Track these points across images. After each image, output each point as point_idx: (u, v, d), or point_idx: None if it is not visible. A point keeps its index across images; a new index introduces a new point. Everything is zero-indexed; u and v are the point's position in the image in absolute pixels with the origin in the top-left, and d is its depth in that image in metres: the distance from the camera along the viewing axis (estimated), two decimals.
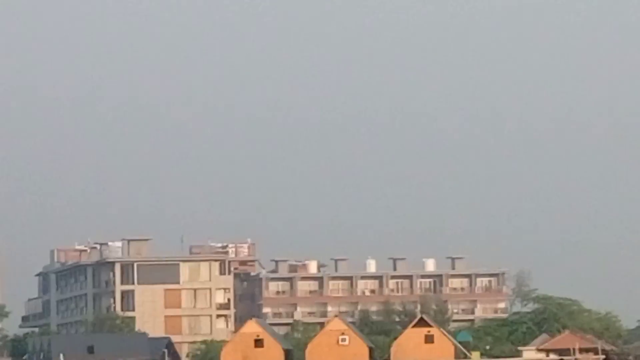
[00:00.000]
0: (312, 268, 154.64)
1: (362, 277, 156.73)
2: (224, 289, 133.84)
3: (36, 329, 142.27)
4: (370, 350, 76.40)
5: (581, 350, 72.76)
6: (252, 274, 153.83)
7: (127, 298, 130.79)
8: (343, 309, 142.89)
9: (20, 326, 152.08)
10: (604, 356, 75.94)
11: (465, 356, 76.44)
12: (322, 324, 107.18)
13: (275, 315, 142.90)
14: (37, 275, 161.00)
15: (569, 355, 72.26)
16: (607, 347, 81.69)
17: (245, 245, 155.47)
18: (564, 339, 78.18)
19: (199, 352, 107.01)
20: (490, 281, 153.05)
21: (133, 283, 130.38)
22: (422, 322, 77.33)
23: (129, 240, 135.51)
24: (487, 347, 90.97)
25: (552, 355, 76.58)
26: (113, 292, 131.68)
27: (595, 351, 73.84)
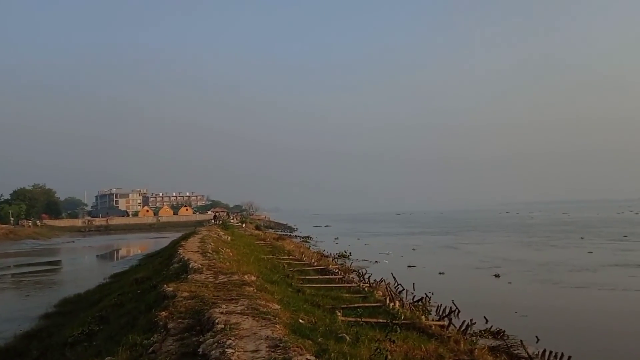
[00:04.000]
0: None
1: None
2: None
3: None
4: None
5: (222, 211, 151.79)
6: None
7: None
8: None
9: None
10: (227, 211, 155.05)
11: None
12: None
13: None
14: None
15: (218, 212, 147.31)
16: (236, 211, 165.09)
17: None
18: (217, 209, 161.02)
19: None
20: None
21: None
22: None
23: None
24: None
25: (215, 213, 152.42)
26: None
27: (225, 211, 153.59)
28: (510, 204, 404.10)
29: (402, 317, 10.05)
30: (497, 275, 29.92)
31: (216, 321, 8.22)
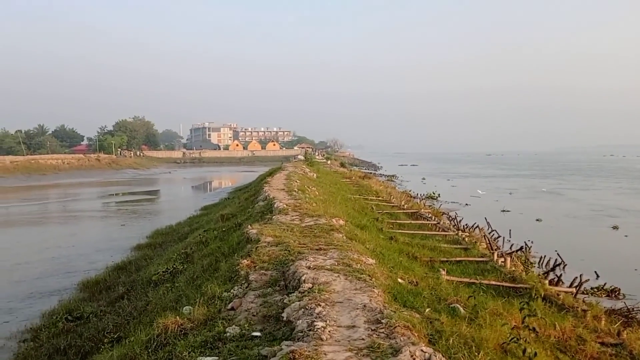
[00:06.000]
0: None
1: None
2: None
3: None
4: None
5: (307, 147, 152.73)
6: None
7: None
8: None
9: None
10: (312, 148, 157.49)
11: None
12: None
13: None
14: None
15: (304, 148, 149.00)
16: (321, 148, 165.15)
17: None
18: (303, 145, 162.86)
19: None
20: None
21: None
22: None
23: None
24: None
25: (301, 149, 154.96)
26: None
27: (311, 148, 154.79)
28: (611, 146, 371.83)
29: (535, 284, 8.31)
30: (615, 227, 26.62)
31: (303, 278, 7.05)
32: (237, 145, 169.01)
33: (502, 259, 10.99)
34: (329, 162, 75.22)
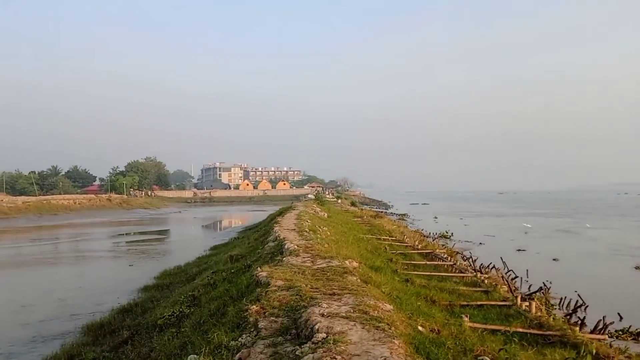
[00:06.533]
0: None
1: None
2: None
3: None
4: None
5: (317, 186, 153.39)
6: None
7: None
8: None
9: None
10: (322, 187, 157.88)
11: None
12: None
13: None
14: None
15: (314, 187, 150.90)
16: (331, 187, 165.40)
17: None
18: (313, 184, 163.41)
19: None
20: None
21: None
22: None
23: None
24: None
25: (311, 188, 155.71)
26: None
27: (321, 187, 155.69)
28: (624, 184, 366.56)
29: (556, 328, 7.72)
30: (638, 268, 25.65)
31: (316, 327, 6.56)
32: (248, 184, 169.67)
33: (527, 303, 10.38)
34: (339, 201, 74.85)
